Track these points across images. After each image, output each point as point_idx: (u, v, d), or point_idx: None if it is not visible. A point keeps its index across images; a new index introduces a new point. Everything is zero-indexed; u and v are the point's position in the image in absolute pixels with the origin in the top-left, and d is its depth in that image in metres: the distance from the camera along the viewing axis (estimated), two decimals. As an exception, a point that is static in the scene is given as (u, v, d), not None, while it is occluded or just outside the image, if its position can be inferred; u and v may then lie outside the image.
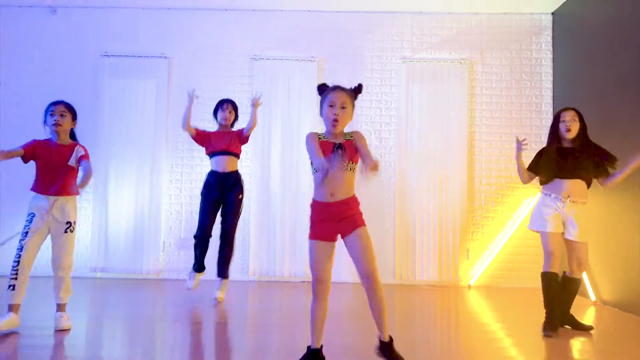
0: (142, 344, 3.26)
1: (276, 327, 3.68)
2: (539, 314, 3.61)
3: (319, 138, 2.49)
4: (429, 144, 5.58)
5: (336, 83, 2.58)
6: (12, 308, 3.21)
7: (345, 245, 2.46)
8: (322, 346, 2.51)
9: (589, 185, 3.54)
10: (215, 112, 4.55)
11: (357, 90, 2.57)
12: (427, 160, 5.57)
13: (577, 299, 4.30)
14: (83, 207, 5.49)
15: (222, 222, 4.41)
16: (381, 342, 2.49)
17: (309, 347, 2.49)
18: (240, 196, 4.42)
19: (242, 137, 4.46)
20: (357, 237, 2.40)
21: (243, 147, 4.55)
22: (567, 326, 3.62)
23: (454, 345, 3.42)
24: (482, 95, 5.70)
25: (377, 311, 2.43)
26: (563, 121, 3.53)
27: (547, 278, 3.45)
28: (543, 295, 3.51)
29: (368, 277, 2.38)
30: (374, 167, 2.23)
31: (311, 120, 5.55)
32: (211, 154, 4.43)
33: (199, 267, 4.46)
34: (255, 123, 4.43)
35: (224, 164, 4.37)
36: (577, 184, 3.47)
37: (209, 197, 4.35)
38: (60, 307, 3.38)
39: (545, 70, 5.70)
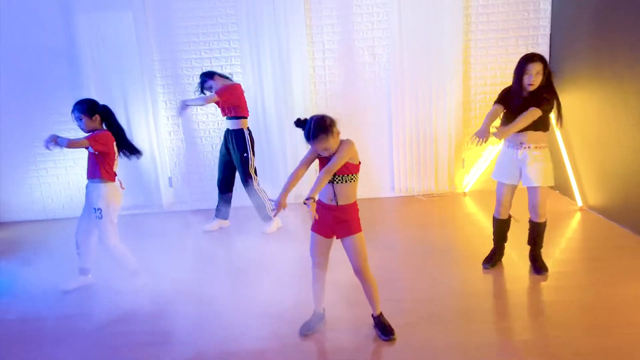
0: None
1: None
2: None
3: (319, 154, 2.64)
4: (424, 56, 5.45)
5: None
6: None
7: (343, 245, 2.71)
8: (324, 309, 2.93)
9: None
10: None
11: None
12: (422, 73, 5.49)
13: (565, 203, 4.89)
14: (80, 158, 5.52)
15: None
16: (373, 316, 2.85)
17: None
18: None
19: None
20: (351, 243, 2.63)
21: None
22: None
23: (453, 247, 4.14)
24: (477, -2, 5.44)
25: (369, 295, 2.79)
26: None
27: (495, 223, 3.67)
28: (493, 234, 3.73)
29: (359, 274, 2.72)
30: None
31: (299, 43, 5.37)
32: (244, 115, 4.61)
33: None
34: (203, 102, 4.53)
35: None
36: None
37: None
38: None
39: (544, -36, 5.35)
